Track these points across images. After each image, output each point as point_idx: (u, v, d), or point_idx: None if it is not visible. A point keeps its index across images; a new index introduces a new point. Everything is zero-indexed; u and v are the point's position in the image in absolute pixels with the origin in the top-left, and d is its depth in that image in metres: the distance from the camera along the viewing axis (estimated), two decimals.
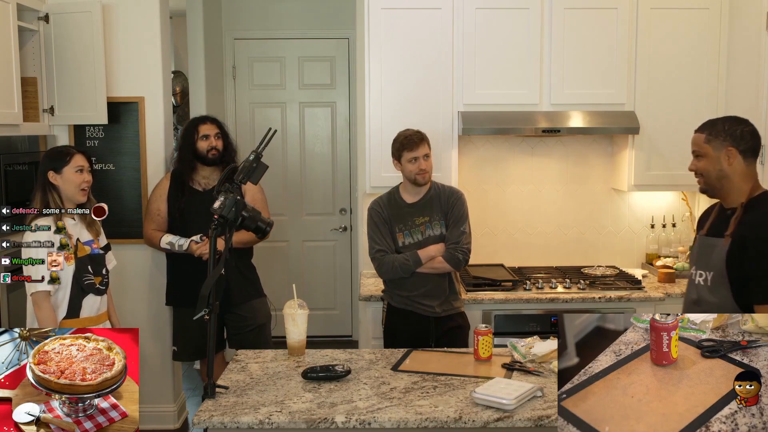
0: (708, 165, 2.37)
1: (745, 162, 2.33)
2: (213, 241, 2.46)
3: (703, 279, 2.38)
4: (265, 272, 4.04)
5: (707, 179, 2.39)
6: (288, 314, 2.73)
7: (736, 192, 2.36)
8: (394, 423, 2.15)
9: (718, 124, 2.37)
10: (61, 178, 2.92)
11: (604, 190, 4.15)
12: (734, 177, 2.34)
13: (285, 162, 5.49)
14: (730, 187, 2.36)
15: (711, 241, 2.38)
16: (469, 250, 3.17)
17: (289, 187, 5.52)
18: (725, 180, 2.35)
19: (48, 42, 3.72)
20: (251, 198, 3.57)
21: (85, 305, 2.94)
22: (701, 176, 2.40)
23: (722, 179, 2.35)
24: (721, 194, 2.40)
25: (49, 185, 2.92)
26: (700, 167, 2.39)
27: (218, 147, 3.60)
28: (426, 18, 3.68)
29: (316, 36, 5.47)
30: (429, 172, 3.15)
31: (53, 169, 2.92)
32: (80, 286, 2.91)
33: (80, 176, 2.94)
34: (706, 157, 2.36)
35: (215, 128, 3.64)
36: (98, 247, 3.03)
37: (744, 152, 2.33)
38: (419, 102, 3.71)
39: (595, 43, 3.70)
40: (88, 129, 3.95)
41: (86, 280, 2.94)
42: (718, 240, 2.35)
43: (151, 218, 3.67)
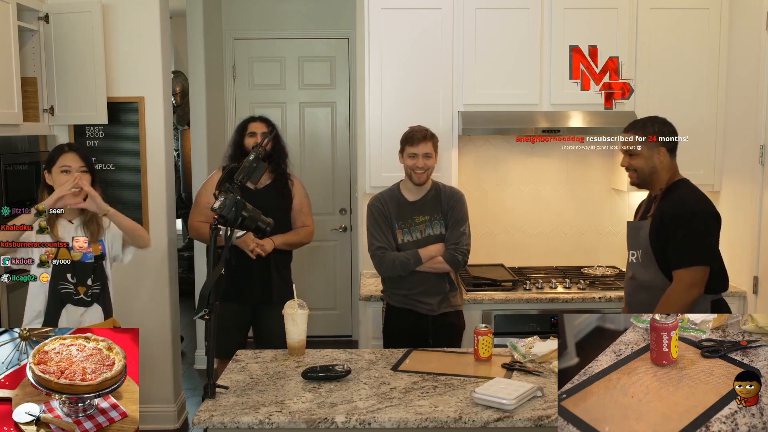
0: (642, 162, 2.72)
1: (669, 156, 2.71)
2: (213, 242, 2.45)
3: (635, 258, 2.77)
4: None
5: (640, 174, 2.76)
6: (288, 314, 2.73)
7: (659, 182, 2.73)
8: (394, 423, 2.15)
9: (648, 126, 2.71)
10: (51, 178, 2.80)
11: (604, 190, 4.15)
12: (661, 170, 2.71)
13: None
14: (657, 178, 2.73)
15: (638, 224, 2.77)
16: (468, 251, 3.16)
17: None
18: (654, 174, 2.72)
19: (48, 42, 3.72)
20: (299, 202, 3.65)
21: (63, 315, 2.74)
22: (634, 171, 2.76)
23: (652, 174, 2.73)
24: (649, 185, 2.77)
25: (45, 185, 2.82)
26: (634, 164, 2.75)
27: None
28: (426, 18, 3.69)
29: (316, 36, 5.48)
30: (426, 173, 3.14)
31: (46, 168, 2.82)
32: (56, 294, 2.72)
33: (65, 177, 2.74)
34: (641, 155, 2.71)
35: (264, 126, 3.62)
36: (95, 252, 2.81)
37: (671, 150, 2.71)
38: (419, 102, 3.71)
39: (596, 43, 3.68)
40: (88, 129, 3.95)
41: (63, 289, 2.73)
42: (642, 222, 2.75)
43: (199, 211, 3.65)
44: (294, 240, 3.64)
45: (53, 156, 2.82)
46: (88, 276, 2.80)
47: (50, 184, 2.80)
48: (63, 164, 2.78)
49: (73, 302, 2.77)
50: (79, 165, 2.79)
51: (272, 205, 3.54)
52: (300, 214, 3.68)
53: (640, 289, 2.76)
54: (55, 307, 2.75)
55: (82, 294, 2.78)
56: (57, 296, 2.74)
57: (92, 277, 2.81)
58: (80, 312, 2.79)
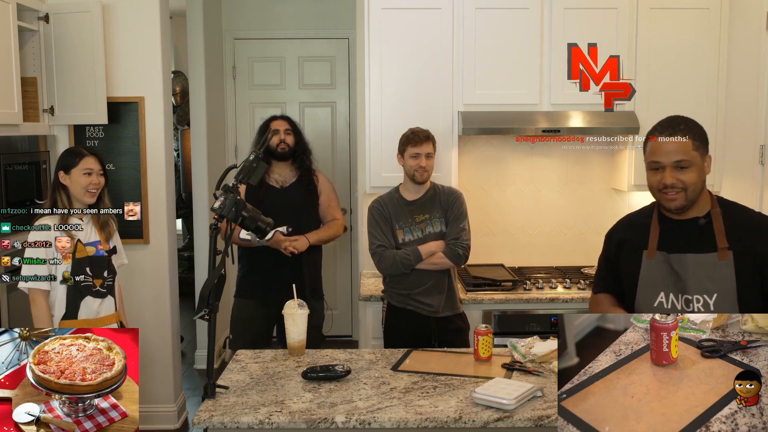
0: (697, 176, 2.06)
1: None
2: (213, 242, 2.45)
3: (700, 305, 2.09)
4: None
5: (692, 194, 2.07)
6: (288, 314, 2.74)
7: (703, 200, 2.11)
8: (394, 423, 2.15)
9: (695, 128, 2.09)
10: (69, 178, 2.92)
11: (604, 190, 4.15)
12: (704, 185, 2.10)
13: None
14: (704, 197, 2.11)
15: (708, 260, 2.06)
16: (468, 247, 3.18)
17: None
18: (703, 191, 2.10)
19: (48, 42, 3.72)
20: (327, 197, 3.67)
21: (82, 307, 2.91)
22: (684, 191, 2.06)
23: (702, 193, 2.09)
24: (692, 207, 2.11)
25: (59, 185, 2.93)
26: (687, 180, 2.05)
27: (288, 142, 3.60)
28: (426, 18, 3.68)
29: (316, 36, 5.48)
30: (428, 172, 3.18)
31: (63, 169, 2.93)
32: (77, 288, 2.89)
33: (87, 179, 2.92)
34: (695, 167, 2.05)
35: (286, 124, 3.65)
36: (105, 249, 3.00)
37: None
38: (419, 102, 3.71)
39: (596, 43, 3.69)
40: (88, 129, 3.95)
41: (83, 282, 2.91)
42: (711, 256, 2.06)
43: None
44: (327, 235, 3.67)
45: (74, 159, 2.95)
46: (104, 269, 2.98)
47: (65, 185, 2.93)
48: (86, 167, 2.94)
49: (92, 294, 2.93)
50: (98, 168, 2.98)
51: (300, 203, 3.57)
52: (329, 208, 3.70)
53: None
54: (75, 300, 2.89)
55: (98, 286, 2.95)
56: (77, 289, 2.89)
57: (107, 270, 2.99)
58: (97, 303, 2.95)
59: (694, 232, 2.11)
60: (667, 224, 2.15)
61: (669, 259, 2.11)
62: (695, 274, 2.07)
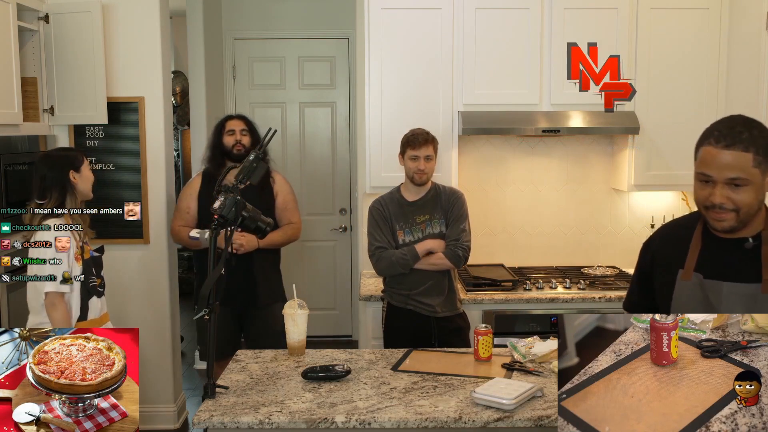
0: (754, 196, 1.69)
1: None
2: (213, 242, 2.45)
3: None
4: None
5: (745, 215, 1.72)
6: (288, 314, 2.73)
7: (758, 219, 1.78)
8: (394, 423, 2.15)
9: (760, 138, 1.69)
10: (80, 176, 2.92)
11: (604, 190, 4.15)
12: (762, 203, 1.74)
13: (285, 162, 5.49)
14: (759, 216, 1.77)
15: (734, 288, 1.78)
16: (469, 248, 3.17)
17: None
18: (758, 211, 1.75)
19: (48, 42, 3.72)
20: (283, 199, 3.63)
21: (90, 307, 2.94)
22: (735, 212, 1.72)
23: (758, 211, 1.74)
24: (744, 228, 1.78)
25: (70, 185, 2.90)
26: (741, 201, 1.70)
27: (243, 142, 3.58)
28: (426, 18, 3.69)
29: (316, 36, 5.48)
30: (427, 174, 3.17)
31: (74, 169, 2.91)
32: (86, 288, 2.91)
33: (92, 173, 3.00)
34: (752, 186, 1.68)
35: (242, 124, 3.63)
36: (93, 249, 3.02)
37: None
38: (419, 102, 3.71)
39: (595, 42, 3.69)
40: (88, 129, 3.95)
41: (91, 282, 2.93)
42: (747, 287, 1.78)
43: (179, 215, 3.65)
44: (279, 239, 3.59)
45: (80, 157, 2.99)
46: (101, 268, 3.03)
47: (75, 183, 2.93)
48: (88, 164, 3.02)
49: (97, 294, 2.97)
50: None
51: (253, 205, 3.51)
52: (285, 211, 3.64)
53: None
54: (85, 301, 2.92)
55: (98, 286, 2.99)
56: (87, 289, 2.92)
57: (102, 269, 3.04)
58: (100, 303, 2.99)
59: (737, 255, 1.80)
60: (711, 241, 1.84)
61: (703, 284, 1.82)
62: (729, 306, 1.80)
